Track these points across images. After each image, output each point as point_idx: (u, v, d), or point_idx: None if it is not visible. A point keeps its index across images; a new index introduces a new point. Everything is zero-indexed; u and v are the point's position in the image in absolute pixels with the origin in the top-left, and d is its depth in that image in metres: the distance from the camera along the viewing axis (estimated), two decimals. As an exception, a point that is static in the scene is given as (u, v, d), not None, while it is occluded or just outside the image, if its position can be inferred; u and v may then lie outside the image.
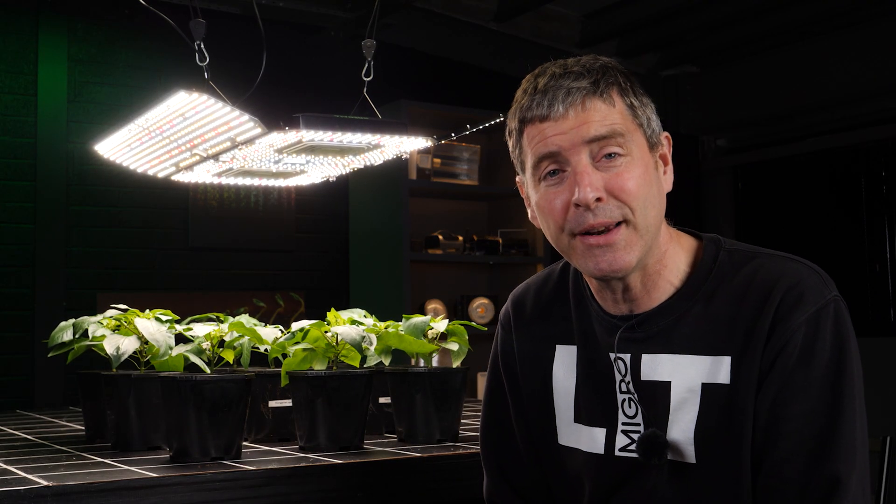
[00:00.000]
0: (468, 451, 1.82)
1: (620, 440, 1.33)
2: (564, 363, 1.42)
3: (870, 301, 4.80)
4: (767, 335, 1.22)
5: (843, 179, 4.96)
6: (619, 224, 1.25)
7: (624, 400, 1.33)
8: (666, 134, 1.34)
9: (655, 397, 1.30)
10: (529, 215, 1.38)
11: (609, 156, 1.25)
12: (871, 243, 4.81)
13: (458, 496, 1.79)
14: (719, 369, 1.24)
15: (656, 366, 1.30)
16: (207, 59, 2.28)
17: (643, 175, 1.26)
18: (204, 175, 2.74)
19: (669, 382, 1.28)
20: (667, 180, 1.33)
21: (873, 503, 1.91)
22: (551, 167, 1.27)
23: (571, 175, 1.25)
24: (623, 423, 1.33)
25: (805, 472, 1.18)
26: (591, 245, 1.26)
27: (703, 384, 1.25)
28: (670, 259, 1.32)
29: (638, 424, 1.32)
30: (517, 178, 1.40)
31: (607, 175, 1.25)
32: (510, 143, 1.36)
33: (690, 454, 1.26)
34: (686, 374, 1.27)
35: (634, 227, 1.25)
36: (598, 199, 1.24)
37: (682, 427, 1.27)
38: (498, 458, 1.50)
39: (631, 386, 1.32)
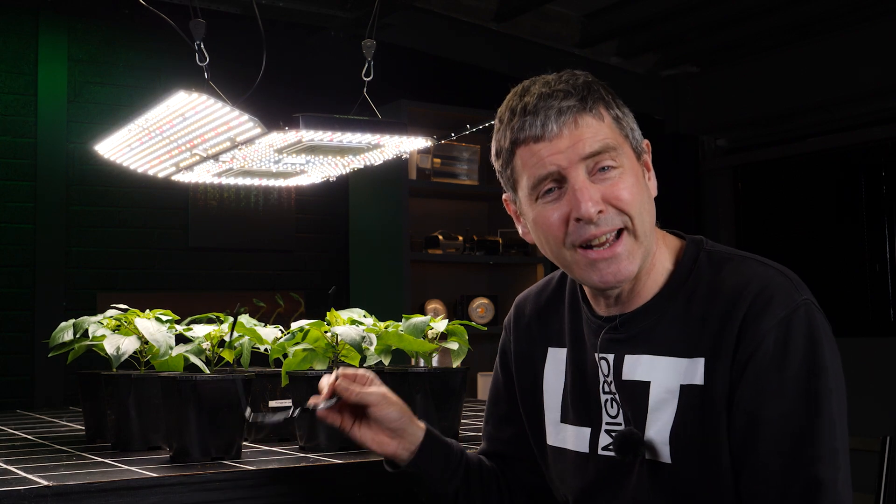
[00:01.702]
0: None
1: (603, 439, 1.37)
2: (554, 365, 1.47)
3: (870, 301, 4.80)
4: (737, 339, 1.23)
5: (843, 179, 4.96)
6: (620, 232, 1.29)
7: (607, 400, 1.37)
8: (646, 141, 1.39)
9: (635, 397, 1.32)
10: (521, 231, 1.42)
11: (603, 168, 1.29)
12: (871, 243, 4.81)
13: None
14: (696, 370, 1.26)
15: (637, 366, 1.32)
16: (207, 59, 2.28)
17: (635, 184, 1.31)
18: (204, 175, 2.74)
19: (649, 383, 1.31)
20: (652, 186, 1.38)
21: (873, 503, 1.91)
22: (549, 185, 1.31)
23: (570, 191, 1.29)
24: (606, 423, 1.37)
25: (785, 474, 1.19)
26: (594, 259, 1.29)
27: (682, 385, 1.27)
28: (658, 260, 1.36)
29: (620, 424, 1.35)
30: (504, 196, 1.43)
31: (603, 187, 1.29)
32: (498, 163, 1.38)
33: (666, 454, 1.28)
34: (665, 375, 1.29)
35: (634, 234, 1.29)
36: (600, 212, 1.28)
37: (658, 427, 1.29)
38: (492, 439, 1.60)
39: (613, 386, 1.35)
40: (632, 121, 1.35)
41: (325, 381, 1.45)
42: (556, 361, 1.46)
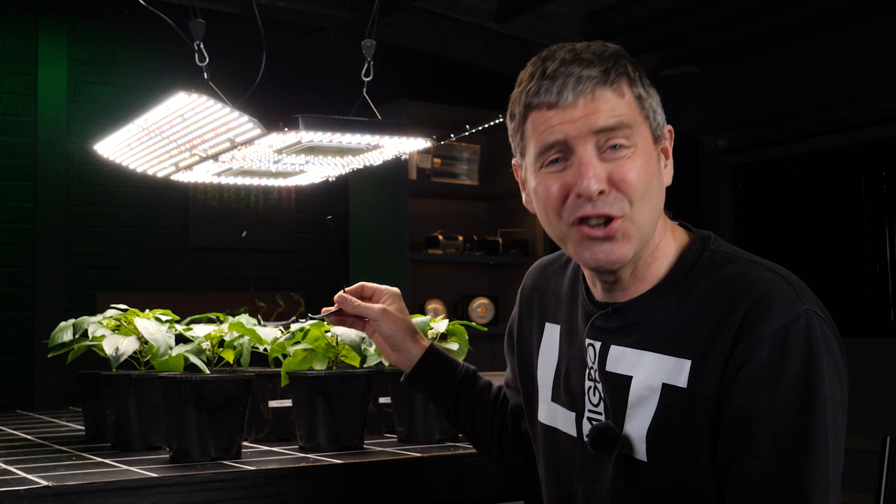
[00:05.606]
0: (468, 451, 1.82)
1: (586, 426, 1.33)
2: (549, 341, 1.44)
3: (870, 301, 4.80)
4: (731, 346, 1.17)
5: (843, 179, 4.96)
6: (616, 217, 1.23)
7: (590, 387, 1.33)
8: (669, 127, 1.33)
9: (616, 390, 1.28)
10: (524, 199, 1.37)
11: (614, 147, 1.23)
12: (871, 243, 4.81)
13: (458, 496, 1.79)
14: (680, 372, 1.21)
15: (621, 359, 1.28)
16: (207, 60, 2.28)
17: (645, 167, 1.25)
18: (204, 175, 2.74)
19: (631, 377, 1.26)
20: (667, 174, 1.32)
21: (873, 503, 1.91)
22: (555, 155, 1.25)
23: (575, 164, 1.23)
24: (588, 411, 1.34)
25: (773, 491, 1.14)
26: (590, 235, 1.24)
27: (664, 384, 1.22)
28: (661, 252, 1.30)
29: (600, 413, 1.31)
30: (514, 161, 1.38)
31: (610, 166, 1.23)
32: (511, 126, 1.33)
33: (642, 452, 1.24)
34: (648, 372, 1.24)
35: (631, 220, 1.23)
36: (601, 192, 1.22)
37: (636, 424, 1.25)
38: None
39: (597, 374, 1.32)
40: (656, 102, 1.30)
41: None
42: (551, 338, 1.43)
